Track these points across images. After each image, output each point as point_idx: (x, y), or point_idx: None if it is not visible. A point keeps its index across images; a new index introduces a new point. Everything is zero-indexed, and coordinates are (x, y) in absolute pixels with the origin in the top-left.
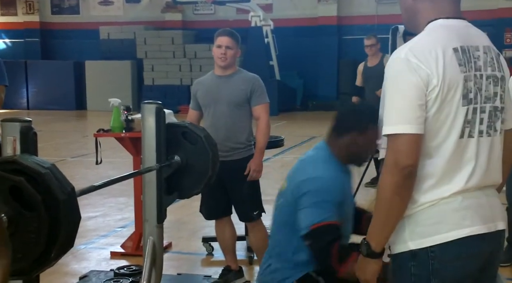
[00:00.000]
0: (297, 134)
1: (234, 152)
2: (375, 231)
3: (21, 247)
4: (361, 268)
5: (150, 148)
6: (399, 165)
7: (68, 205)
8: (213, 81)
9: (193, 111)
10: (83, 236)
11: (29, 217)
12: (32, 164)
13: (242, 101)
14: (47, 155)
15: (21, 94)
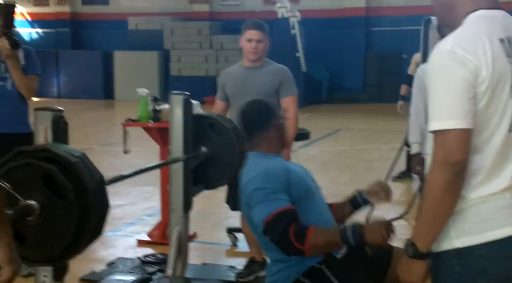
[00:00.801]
0: (322, 127)
1: None
2: (422, 231)
3: (52, 234)
4: (406, 270)
5: (177, 138)
6: (450, 161)
7: (98, 193)
8: (241, 72)
9: (220, 102)
10: (110, 223)
11: (60, 205)
12: (63, 152)
13: (270, 92)
14: (76, 143)
15: (52, 84)
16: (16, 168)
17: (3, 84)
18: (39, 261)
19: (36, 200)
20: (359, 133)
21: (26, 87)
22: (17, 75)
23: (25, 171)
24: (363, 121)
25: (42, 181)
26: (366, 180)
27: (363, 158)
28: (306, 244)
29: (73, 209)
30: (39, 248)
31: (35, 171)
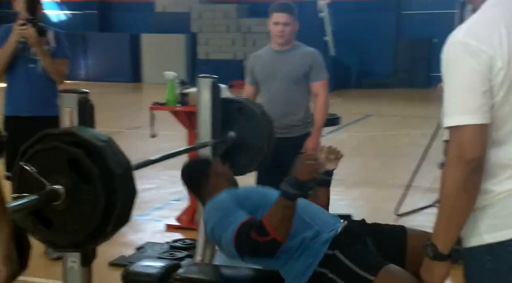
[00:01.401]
0: (351, 112)
1: (291, 129)
2: (441, 231)
3: (77, 219)
4: (428, 271)
5: (205, 123)
6: (465, 158)
7: (124, 179)
8: (270, 56)
9: (249, 86)
10: (139, 207)
11: (85, 189)
12: (90, 136)
13: (300, 76)
14: (103, 126)
15: (80, 66)
16: (42, 151)
17: (33, 67)
18: (66, 246)
19: (62, 185)
20: (389, 119)
21: (56, 72)
22: (46, 61)
23: (51, 155)
24: (393, 107)
25: (67, 165)
26: (396, 166)
27: (393, 143)
28: (270, 232)
29: (98, 194)
30: (65, 233)
31: (60, 154)
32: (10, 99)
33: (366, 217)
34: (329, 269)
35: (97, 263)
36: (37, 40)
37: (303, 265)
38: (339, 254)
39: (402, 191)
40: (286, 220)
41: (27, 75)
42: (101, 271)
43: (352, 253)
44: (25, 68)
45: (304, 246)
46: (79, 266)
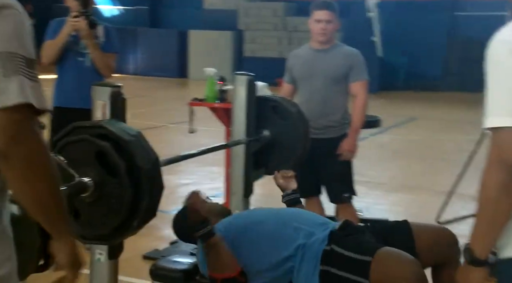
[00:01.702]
0: (396, 114)
1: (328, 130)
2: (479, 235)
3: (104, 212)
4: (464, 276)
5: (239, 120)
6: (505, 161)
7: (151, 174)
8: (310, 55)
9: (288, 85)
10: (176, 202)
11: (113, 183)
12: (119, 130)
13: (339, 76)
14: (148, 120)
15: (129, 61)
16: (72, 143)
17: (82, 60)
18: (92, 239)
19: (90, 177)
20: (435, 123)
21: (104, 65)
22: (96, 54)
23: (80, 147)
24: (441, 111)
25: (96, 158)
26: (439, 171)
27: (438, 148)
28: (217, 278)
29: (125, 188)
30: (92, 225)
31: (89, 147)
32: (59, 91)
33: None
34: (331, 264)
35: (131, 256)
36: (88, 32)
37: (309, 267)
38: (336, 247)
39: (444, 198)
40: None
41: (76, 68)
42: (135, 264)
43: (347, 242)
44: (75, 61)
45: (303, 250)
46: (106, 259)
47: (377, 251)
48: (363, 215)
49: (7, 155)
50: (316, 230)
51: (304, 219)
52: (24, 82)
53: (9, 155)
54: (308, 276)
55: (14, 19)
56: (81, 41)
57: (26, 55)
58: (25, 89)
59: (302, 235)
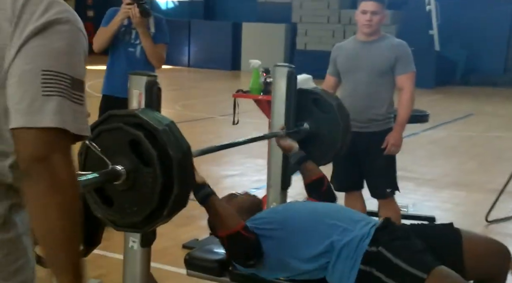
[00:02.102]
0: (452, 110)
1: (372, 124)
2: None
3: (136, 201)
4: None
5: (278, 112)
6: None
7: (182, 163)
8: (355, 47)
9: (331, 77)
10: (220, 193)
11: (145, 172)
12: (152, 119)
13: (385, 69)
14: (198, 111)
15: (183, 52)
16: (106, 131)
17: (133, 51)
18: (124, 226)
19: (123, 165)
20: (493, 120)
21: (155, 56)
22: (147, 43)
23: (114, 135)
24: (500, 107)
25: (129, 146)
26: (495, 169)
27: (495, 146)
28: (221, 235)
29: (157, 177)
30: (124, 213)
31: (122, 135)
32: (109, 79)
33: (454, 220)
34: (375, 267)
35: (171, 245)
36: (141, 20)
37: (346, 265)
38: (384, 251)
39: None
40: (218, 215)
41: (127, 58)
42: (174, 253)
43: (398, 249)
44: (125, 52)
45: (339, 247)
46: (139, 246)
47: (433, 270)
48: (407, 211)
49: (30, 174)
50: (353, 227)
51: (341, 215)
52: (64, 104)
53: (33, 175)
54: (345, 274)
55: (68, 36)
56: (133, 31)
57: (74, 76)
58: (63, 113)
59: (338, 232)
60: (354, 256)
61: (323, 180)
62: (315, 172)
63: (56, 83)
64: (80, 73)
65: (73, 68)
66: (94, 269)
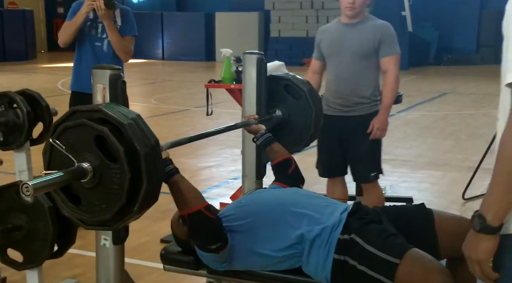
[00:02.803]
0: (427, 90)
1: (357, 107)
2: (493, 200)
3: (105, 198)
4: (473, 246)
5: (250, 100)
6: None
7: (151, 158)
8: (338, 30)
9: (316, 61)
10: (196, 185)
11: (112, 167)
12: (117, 113)
13: (369, 52)
14: (174, 104)
15: (157, 45)
16: (71, 127)
17: (99, 45)
18: (94, 224)
19: (89, 162)
20: (467, 98)
21: (123, 49)
22: (114, 36)
23: (79, 132)
24: (473, 85)
25: (94, 142)
26: (470, 147)
27: (469, 124)
28: (184, 215)
29: (124, 172)
30: (93, 211)
31: (87, 131)
32: (76, 75)
33: (430, 200)
34: (349, 255)
35: (149, 240)
36: (106, 12)
37: (320, 256)
38: (357, 238)
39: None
40: (181, 194)
41: (94, 53)
42: (152, 248)
43: (370, 235)
44: (92, 46)
45: (311, 238)
46: (111, 244)
47: (405, 254)
48: (384, 193)
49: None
50: (321, 214)
51: (307, 202)
52: None
53: None
54: (320, 264)
55: None
56: (99, 25)
57: None
58: None
59: (306, 222)
60: (327, 246)
61: (290, 161)
62: (281, 153)
63: None
64: None
65: None
66: (70, 269)
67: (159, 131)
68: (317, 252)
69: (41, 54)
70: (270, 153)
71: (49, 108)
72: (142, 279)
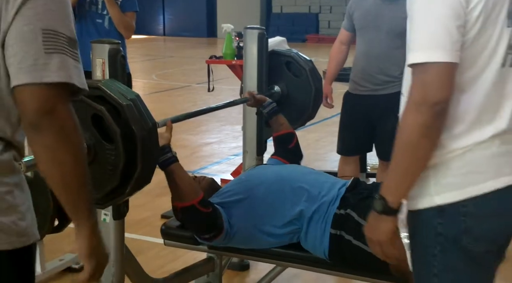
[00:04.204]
0: None
1: (386, 86)
2: (394, 182)
3: (98, 177)
4: (373, 227)
5: (250, 76)
6: (429, 100)
7: (147, 141)
8: (375, 3)
9: (345, 31)
10: (197, 162)
11: (108, 148)
12: (116, 93)
13: (405, 31)
14: (175, 80)
15: (158, 21)
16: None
17: (100, 22)
18: (105, 200)
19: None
20: None
21: (123, 24)
22: (115, 12)
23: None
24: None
25: (91, 120)
26: None
27: None
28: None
29: (119, 154)
30: (99, 185)
31: (85, 109)
32: None
33: None
34: (344, 230)
35: (150, 215)
36: None
37: (317, 231)
38: (352, 213)
39: None
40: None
41: (95, 30)
42: (153, 223)
43: (365, 210)
44: (93, 23)
45: (309, 214)
46: (111, 219)
47: None
48: None
49: (39, 127)
50: (319, 190)
51: (306, 178)
52: (67, 61)
53: (42, 127)
54: (317, 239)
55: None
56: (99, 1)
57: (70, 35)
58: (68, 68)
59: (304, 198)
60: (324, 221)
61: (292, 135)
62: (285, 126)
63: (56, 41)
64: (73, 32)
65: (69, 28)
66: (71, 243)
67: (160, 107)
68: (315, 227)
69: None
70: (274, 123)
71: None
72: (143, 254)
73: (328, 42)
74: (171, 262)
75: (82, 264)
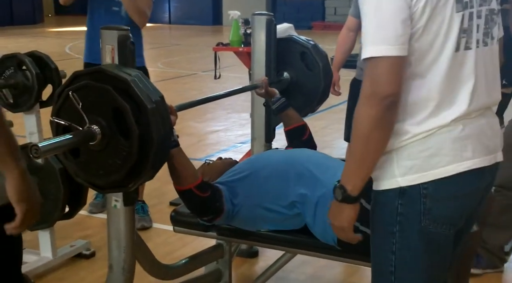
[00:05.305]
0: None
1: None
2: (351, 172)
3: (106, 166)
4: (335, 214)
5: (259, 63)
6: (379, 94)
7: (161, 147)
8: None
9: (352, 18)
10: (203, 150)
11: (122, 143)
12: (143, 93)
13: None
14: (181, 68)
15: (164, 9)
16: (75, 91)
17: (117, 11)
18: (85, 182)
19: (97, 124)
20: None
21: (137, 11)
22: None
23: (84, 94)
24: None
25: (100, 103)
26: None
27: None
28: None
29: (132, 153)
30: (88, 172)
31: (109, 99)
32: (91, 45)
33: None
34: (359, 221)
35: (158, 202)
36: None
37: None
38: (364, 203)
39: None
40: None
41: (111, 19)
42: (162, 210)
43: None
44: (109, 12)
45: (315, 199)
46: (122, 205)
47: None
48: None
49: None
50: (326, 174)
51: (313, 159)
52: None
53: None
54: (327, 225)
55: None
56: None
57: None
58: None
59: (308, 180)
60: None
61: (304, 128)
62: (296, 119)
63: None
64: None
65: None
66: (81, 230)
67: (166, 95)
68: (322, 212)
69: (48, 18)
70: (284, 118)
71: (58, 70)
72: (152, 241)
73: (334, 29)
74: (180, 249)
75: (93, 250)
